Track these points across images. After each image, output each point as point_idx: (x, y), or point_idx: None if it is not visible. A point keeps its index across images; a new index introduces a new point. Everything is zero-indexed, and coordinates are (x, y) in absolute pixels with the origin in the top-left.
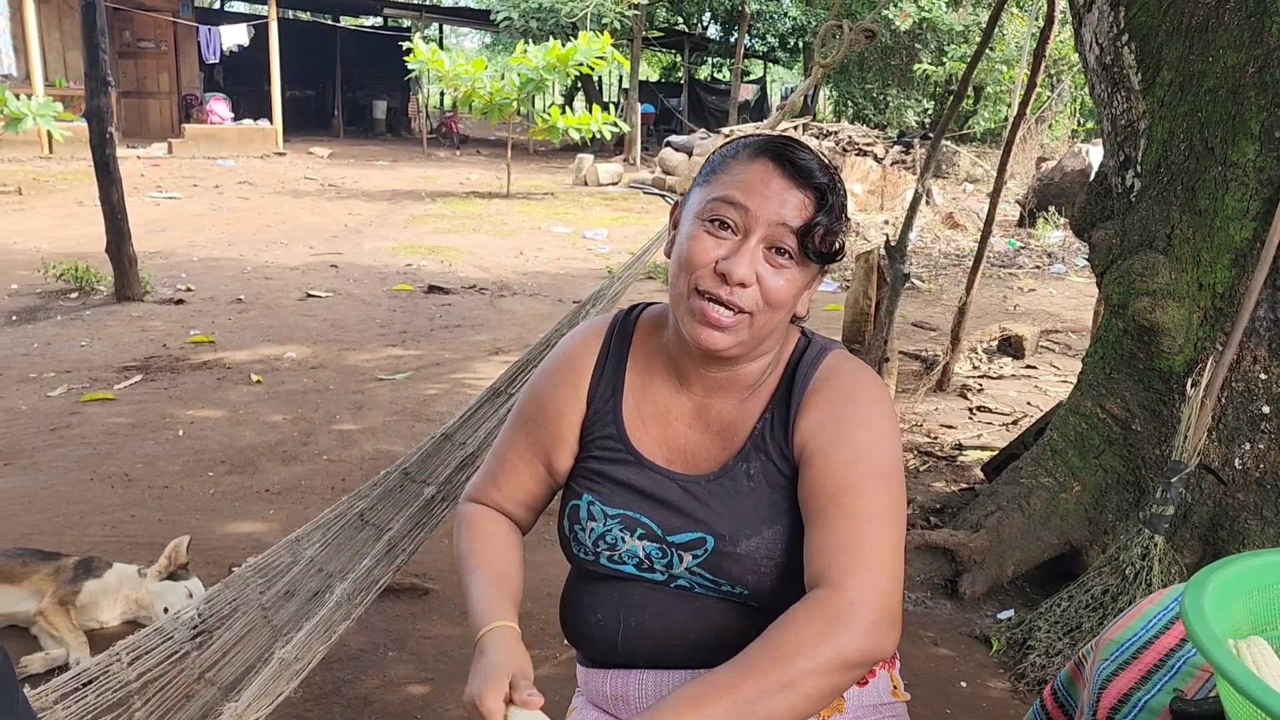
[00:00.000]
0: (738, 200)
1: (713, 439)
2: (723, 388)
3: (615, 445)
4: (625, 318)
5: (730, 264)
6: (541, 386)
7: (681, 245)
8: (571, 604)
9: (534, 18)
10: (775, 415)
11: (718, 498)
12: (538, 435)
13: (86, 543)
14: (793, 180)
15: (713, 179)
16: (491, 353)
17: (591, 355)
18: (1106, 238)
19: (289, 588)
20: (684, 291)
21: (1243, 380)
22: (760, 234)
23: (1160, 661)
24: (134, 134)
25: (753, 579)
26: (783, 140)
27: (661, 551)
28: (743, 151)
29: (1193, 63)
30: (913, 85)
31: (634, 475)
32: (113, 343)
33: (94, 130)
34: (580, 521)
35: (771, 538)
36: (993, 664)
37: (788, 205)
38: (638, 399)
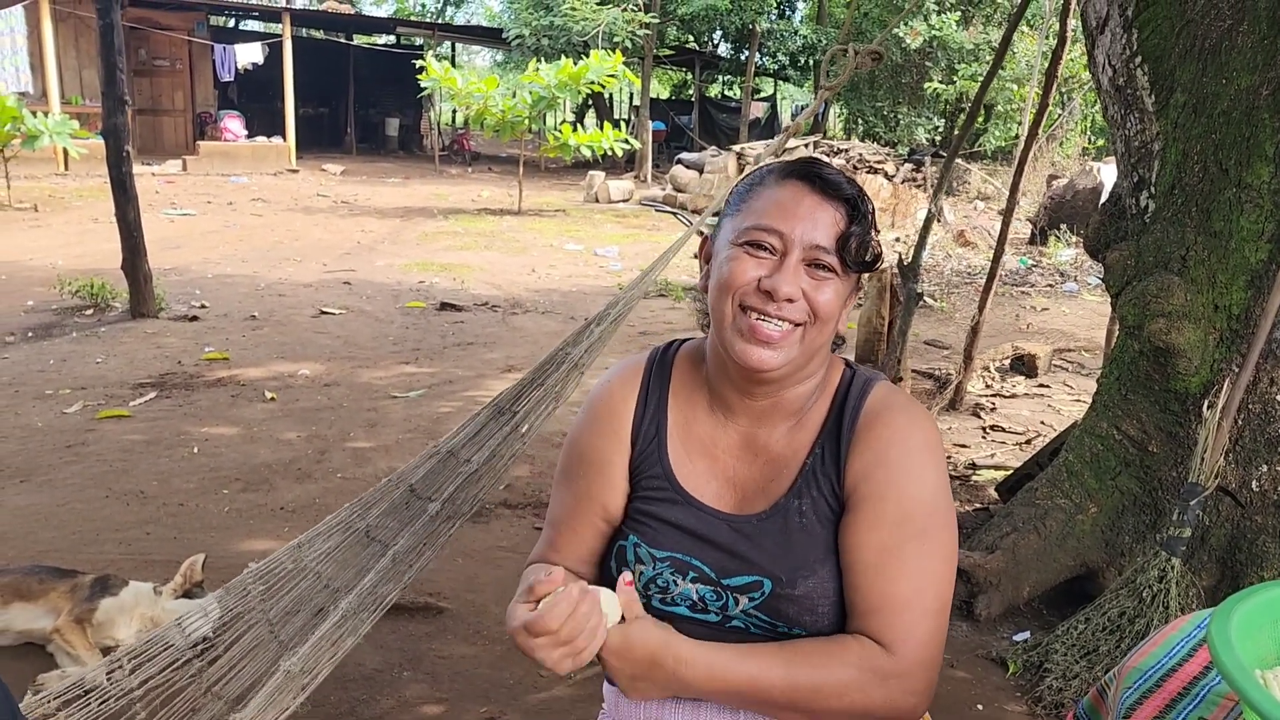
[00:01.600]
0: (773, 226)
1: (761, 471)
2: (769, 416)
3: (662, 485)
4: (663, 355)
5: (775, 281)
6: (583, 439)
7: (721, 270)
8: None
9: (546, 36)
10: (826, 450)
11: (771, 537)
12: (587, 488)
13: (102, 560)
14: (822, 196)
15: (743, 208)
16: (504, 370)
17: (631, 396)
18: (1121, 259)
19: (295, 602)
20: (729, 313)
21: (1259, 402)
22: (798, 254)
23: (1184, 690)
24: (149, 151)
25: (810, 619)
26: (806, 161)
27: (716, 594)
28: (768, 177)
29: (1206, 85)
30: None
31: (682, 516)
32: (128, 359)
33: (110, 148)
34: (628, 565)
35: (826, 576)
36: (1009, 687)
37: (821, 223)
38: (682, 435)
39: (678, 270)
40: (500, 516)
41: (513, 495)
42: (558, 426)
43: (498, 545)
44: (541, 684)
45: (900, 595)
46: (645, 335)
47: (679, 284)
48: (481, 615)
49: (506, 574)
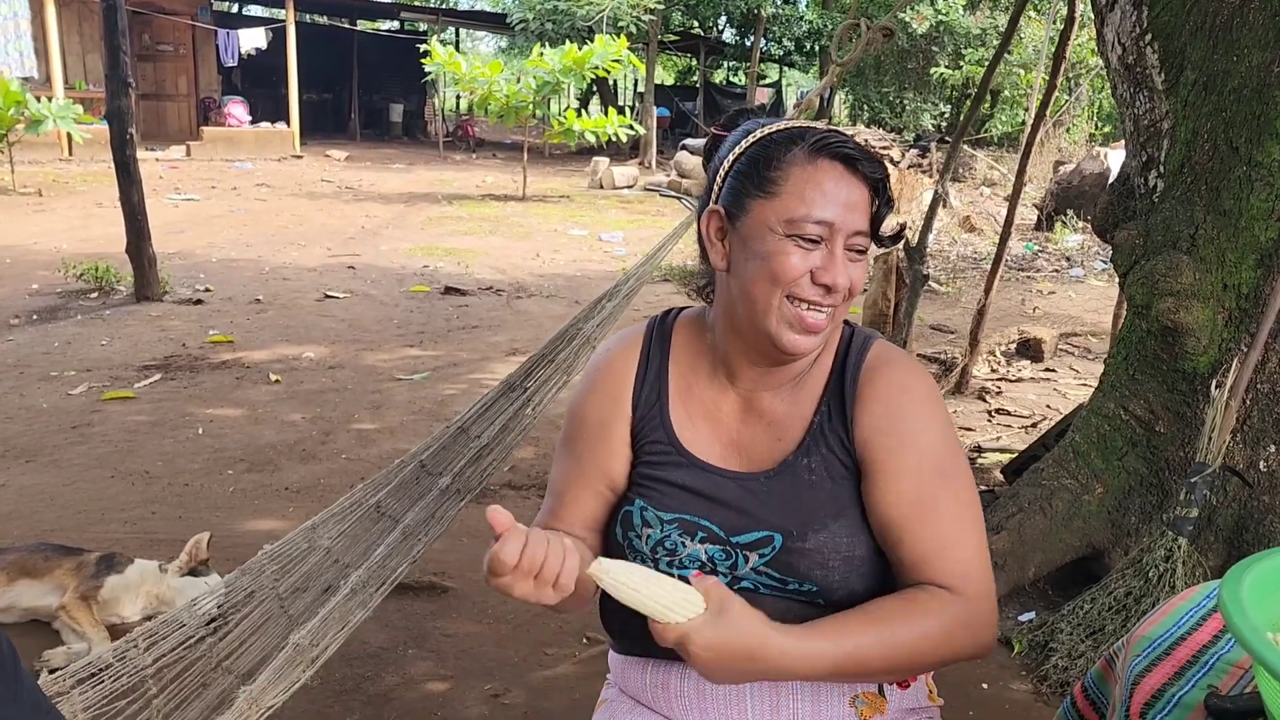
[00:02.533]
0: (821, 218)
1: (765, 432)
2: (773, 378)
3: (665, 448)
4: (662, 322)
5: (833, 275)
6: (582, 406)
7: (768, 261)
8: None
9: (550, 21)
10: (831, 408)
11: (779, 494)
12: (590, 455)
13: (108, 539)
14: (858, 179)
15: (775, 190)
16: (509, 353)
17: (631, 363)
18: (1130, 238)
19: (305, 578)
20: (775, 304)
21: (1268, 382)
22: (842, 242)
23: (1194, 657)
24: (152, 137)
25: (821, 574)
26: (834, 137)
27: (725, 553)
28: (795, 152)
29: (1217, 62)
30: (929, 88)
31: (687, 477)
32: (132, 342)
33: (115, 131)
34: (635, 528)
35: (838, 531)
36: (1015, 666)
37: (859, 207)
38: (684, 399)
39: (682, 255)
40: (505, 497)
41: (517, 476)
42: (562, 409)
43: None
44: (546, 661)
45: (946, 538)
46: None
47: (682, 268)
48: (486, 594)
49: None
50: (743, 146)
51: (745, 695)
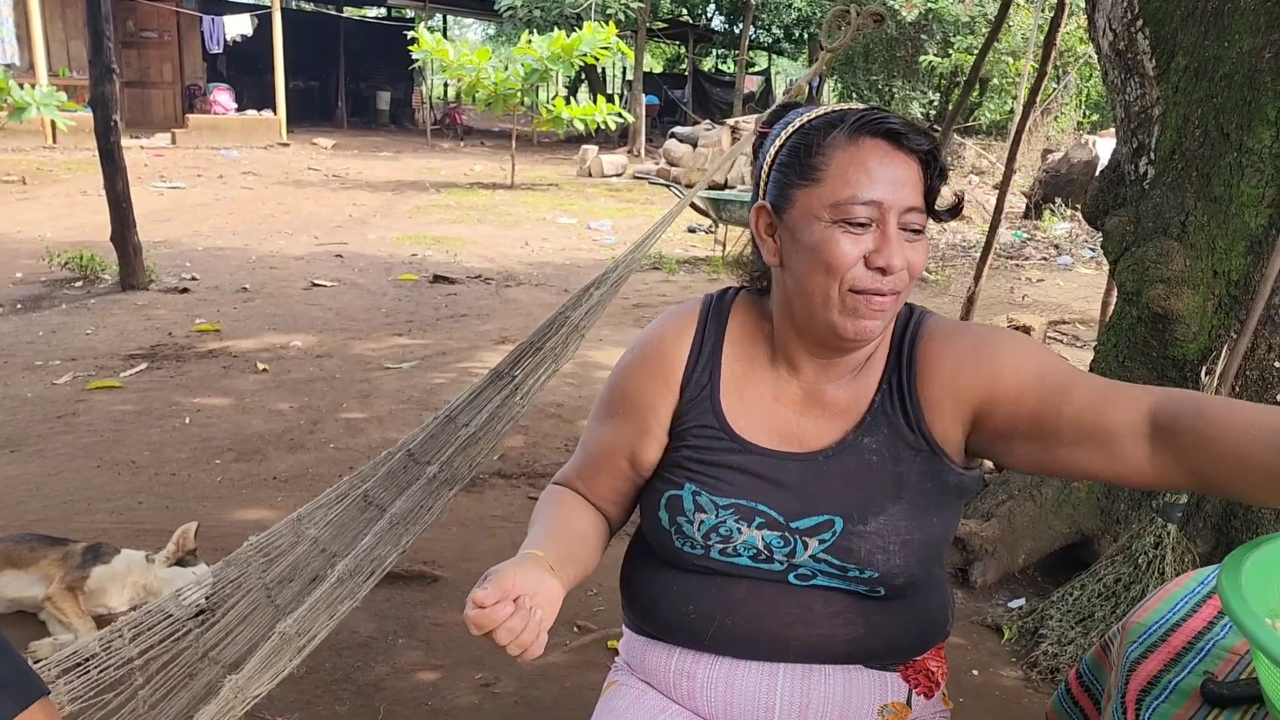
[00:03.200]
0: (868, 198)
1: (828, 419)
2: (835, 370)
3: (716, 433)
4: (719, 301)
5: (887, 256)
6: (629, 379)
7: (818, 251)
8: (649, 586)
9: (538, 8)
10: (893, 385)
11: (840, 475)
12: (622, 429)
13: (94, 529)
14: (904, 154)
15: (817, 175)
16: (498, 342)
17: (685, 343)
18: (1120, 225)
19: (292, 568)
20: (833, 295)
21: (1257, 368)
22: (895, 221)
23: (1189, 644)
24: (137, 124)
25: (882, 558)
26: (875, 115)
27: (784, 540)
28: (835, 135)
29: (1208, 48)
30: (918, 77)
31: (744, 461)
32: (118, 331)
33: (99, 118)
34: (686, 513)
35: (897, 514)
36: (1005, 653)
37: (908, 183)
38: (739, 386)
39: (671, 243)
40: (494, 486)
41: (507, 465)
42: (552, 398)
43: (492, 514)
44: None
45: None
46: (640, 308)
47: (672, 257)
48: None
49: (501, 543)
50: (783, 137)
51: (775, 691)
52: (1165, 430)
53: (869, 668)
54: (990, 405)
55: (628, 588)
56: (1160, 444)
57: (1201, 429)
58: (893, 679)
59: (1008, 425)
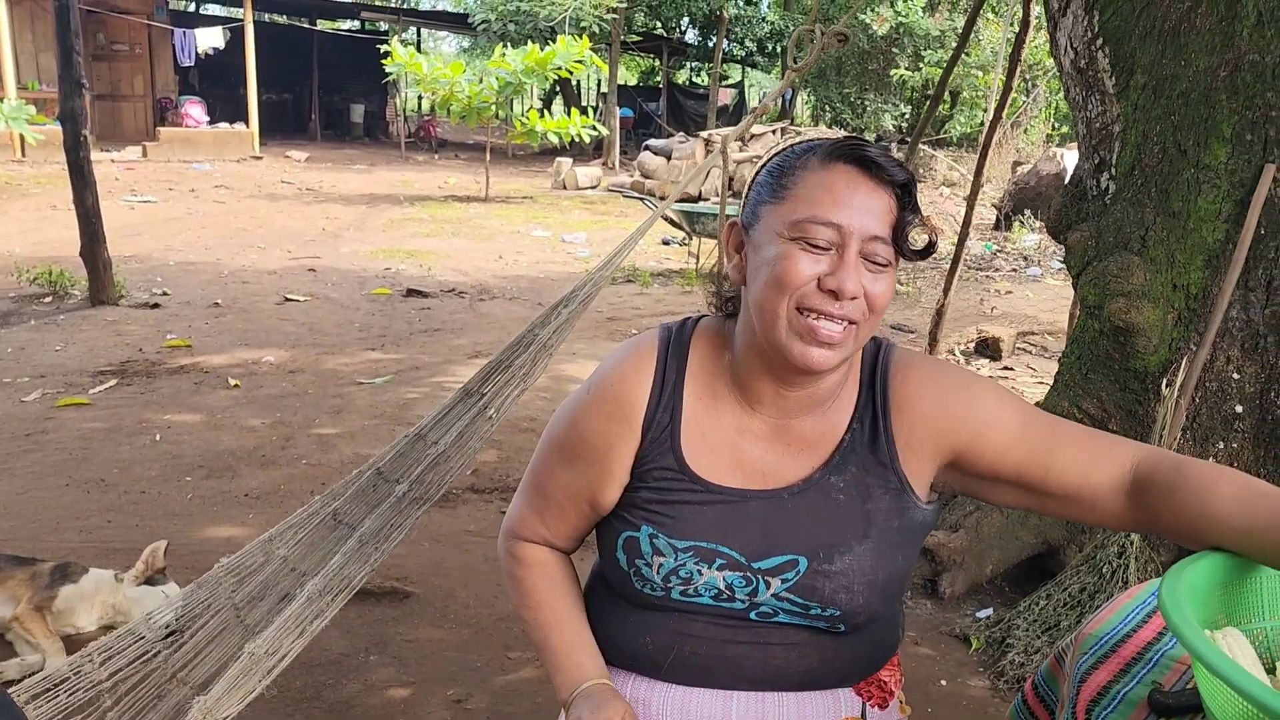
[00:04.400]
0: (828, 219)
1: (793, 456)
2: (800, 405)
3: (676, 475)
4: (678, 335)
5: (839, 280)
6: (589, 422)
7: (773, 266)
8: (607, 619)
9: (512, 21)
10: (865, 423)
11: (805, 513)
12: (583, 471)
13: (63, 548)
14: (875, 182)
15: (785, 194)
16: (471, 356)
17: (645, 382)
18: (1082, 239)
19: (262, 587)
20: (782, 313)
21: (1216, 380)
22: (856, 247)
23: (1138, 655)
24: (108, 137)
25: (845, 597)
26: (851, 141)
27: (746, 580)
28: (809, 158)
29: (1165, 66)
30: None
31: (704, 501)
32: (87, 347)
33: (68, 133)
34: (644, 556)
35: (863, 553)
36: (972, 662)
37: (875, 211)
38: (702, 425)
39: (645, 256)
40: (467, 501)
41: (480, 480)
42: (525, 412)
43: (465, 530)
44: (509, 666)
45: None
46: (614, 321)
47: (646, 270)
48: (449, 599)
49: (474, 558)
50: (764, 160)
51: (730, 717)
52: (1142, 486)
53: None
54: (974, 453)
55: (589, 617)
56: (1136, 498)
57: (1176, 483)
58: (846, 695)
59: (991, 472)
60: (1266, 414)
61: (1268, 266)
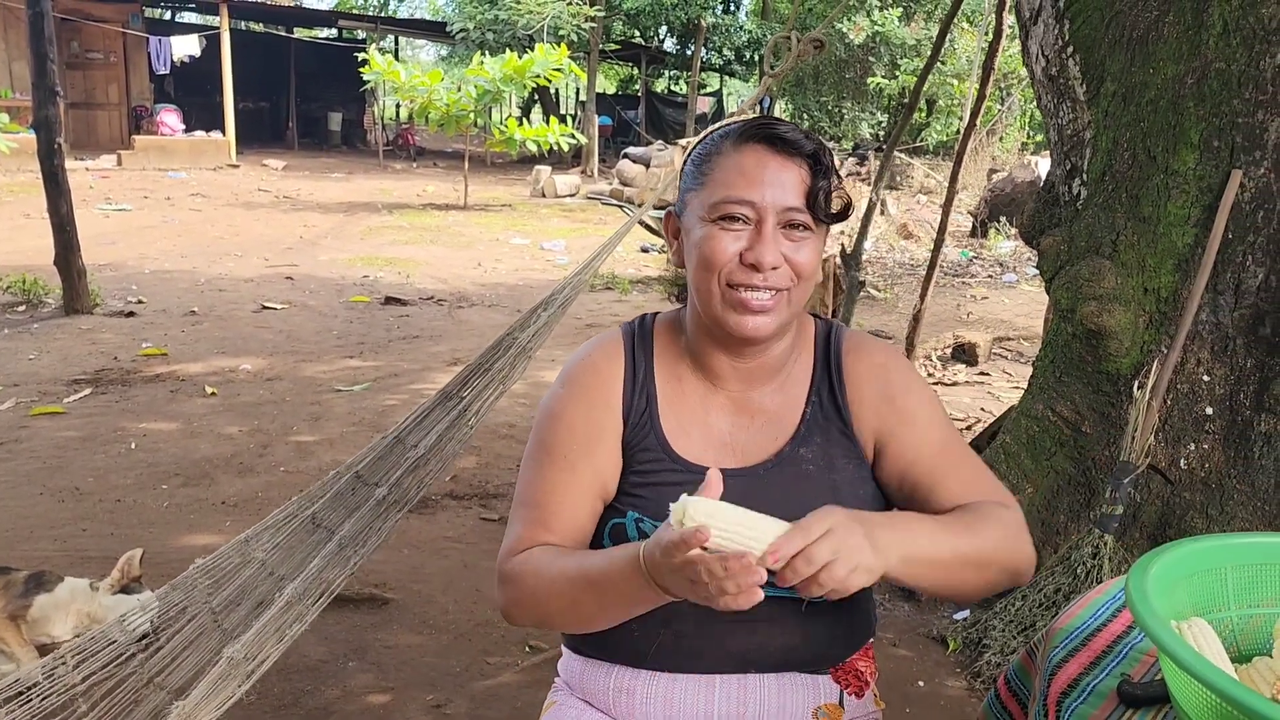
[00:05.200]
0: (742, 196)
1: (760, 430)
2: (756, 375)
3: (658, 456)
4: (640, 327)
5: (758, 253)
6: (572, 413)
7: (699, 248)
8: None
9: (490, 30)
10: (822, 397)
11: (780, 486)
12: (586, 463)
13: (37, 557)
14: (785, 156)
15: (705, 180)
16: (450, 363)
17: (617, 369)
18: (1055, 244)
19: (239, 591)
20: (714, 290)
21: (1187, 382)
22: (772, 220)
23: (1108, 647)
24: (82, 146)
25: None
26: (759, 121)
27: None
28: (724, 142)
29: (1134, 74)
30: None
31: (685, 483)
32: (62, 356)
33: (42, 141)
34: (630, 540)
35: None
36: (950, 663)
37: (788, 184)
38: (673, 405)
39: (624, 263)
40: (446, 507)
41: (459, 486)
42: (504, 418)
43: (444, 535)
44: (488, 671)
45: (975, 469)
46: (592, 328)
47: (625, 277)
48: (428, 605)
49: (452, 564)
50: (689, 150)
51: (713, 702)
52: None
53: (802, 673)
54: (893, 446)
55: None
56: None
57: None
58: (824, 681)
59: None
60: (1236, 415)
61: (1236, 270)
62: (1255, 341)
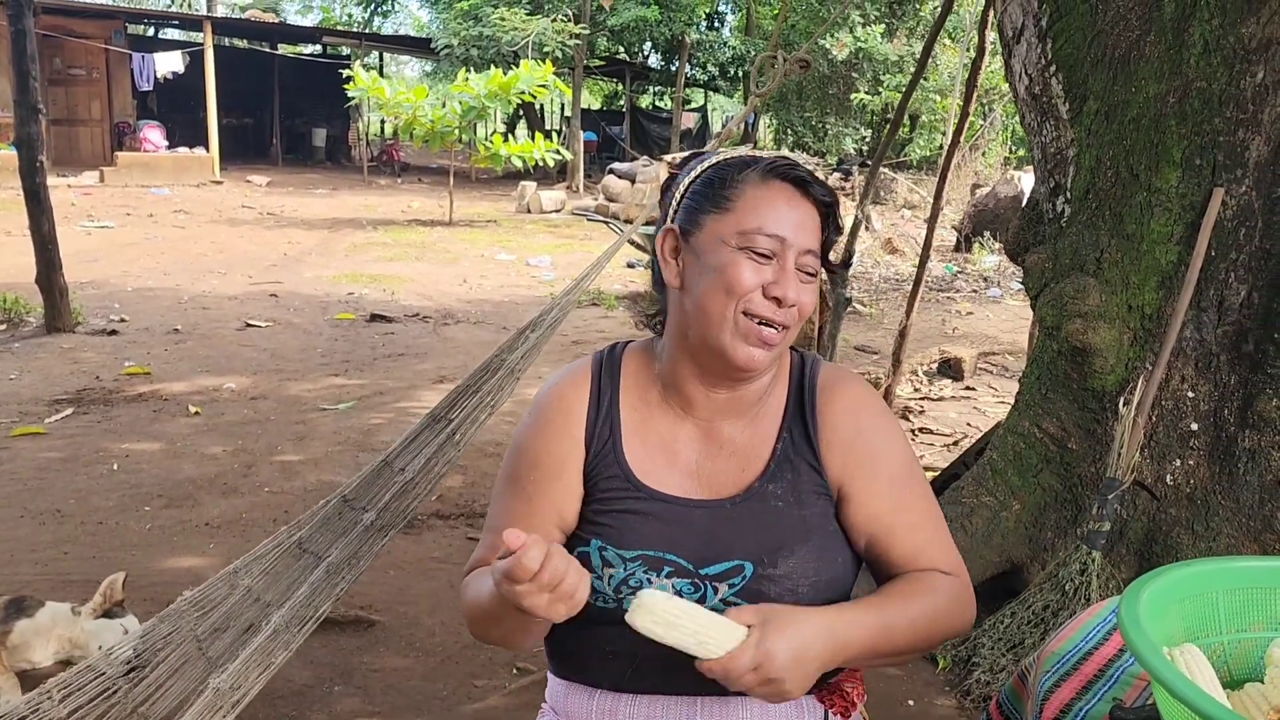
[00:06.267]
0: (773, 232)
1: (728, 461)
2: (729, 408)
3: (622, 484)
4: (609, 356)
5: (783, 288)
6: (535, 442)
7: (721, 273)
8: (568, 636)
9: (475, 46)
10: (794, 433)
11: (748, 521)
12: (543, 494)
13: (17, 581)
14: (809, 202)
15: (730, 205)
16: (436, 381)
17: (582, 398)
18: (1039, 262)
19: (225, 619)
20: (728, 316)
21: (1172, 399)
22: (793, 259)
23: (1100, 672)
24: (65, 162)
25: (791, 599)
26: (787, 162)
27: (694, 586)
28: (748, 173)
29: (1117, 93)
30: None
31: (649, 511)
32: (43, 375)
33: (23, 158)
34: (594, 569)
35: (805, 556)
36: (939, 682)
37: (808, 229)
38: (640, 434)
39: (610, 279)
40: (432, 528)
41: (445, 506)
42: (491, 436)
43: (430, 556)
44: (475, 694)
45: (929, 531)
46: (579, 345)
47: (611, 293)
48: (414, 627)
49: (439, 585)
50: (699, 170)
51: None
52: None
53: None
54: (851, 496)
55: (551, 637)
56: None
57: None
58: (808, 702)
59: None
60: (1221, 431)
61: (1219, 287)
62: (1239, 358)
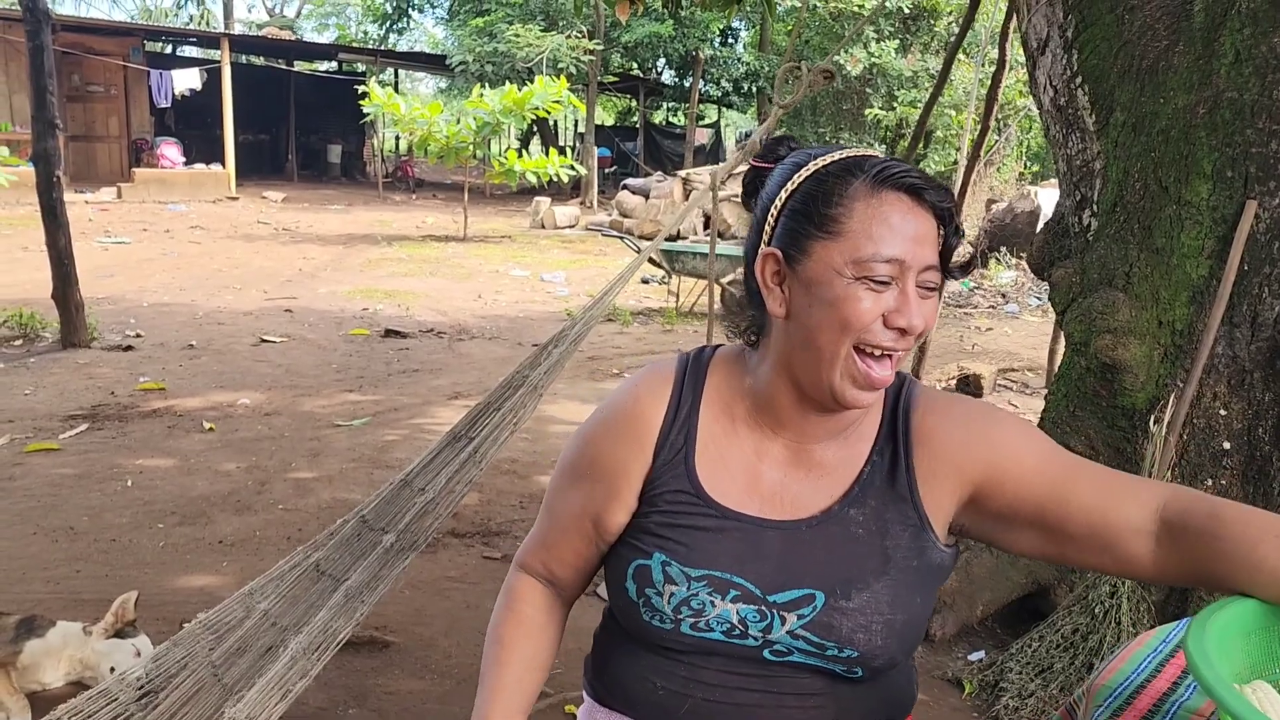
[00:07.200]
0: (891, 255)
1: (813, 483)
2: (824, 430)
3: (690, 498)
4: (696, 360)
5: (908, 317)
6: (600, 441)
7: (837, 308)
8: (615, 661)
9: (490, 62)
10: (885, 456)
11: (824, 546)
12: (589, 492)
13: (29, 600)
14: (925, 210)
15: (838, 228)
16: (451, 397)
17: (660, 404)
18: (1066, 276)
19: (241, 643)
20: (841, 354)
21: (1204, 417)
22: (914, 280)
23: (1155, 706)
24: (82, 179)
25: (864, 637)
26: (897, 166)
27: (760, 614)
28: (856, 186)
29: (1145, 104)
30: (864, 129)
31: (719, 528)
32: (58, 391)
33: (41, 174)
34: (655, 584)
35: (881, 590)
36: (966, 708)
37: (928, 243)
38: (719, 447)
39: (624, 295)
40: (448, 546)
41: (461, 524)
42: (506, 454)
43: (446, 575)
44: None
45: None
46: (594, 360)
47: (626, 309)
48: (430, 649)
49: (455, 605)
50: (796, 182)
51: None
52: (1174, 530)
53: None
54: (994, 485)
55: (595, 658)
56: (1167, 543)
57: (1215, 529)
58: None
59: (1010, 510)
60: (1254, 450)
61: (1252, 302)
62: (1273, 375)
